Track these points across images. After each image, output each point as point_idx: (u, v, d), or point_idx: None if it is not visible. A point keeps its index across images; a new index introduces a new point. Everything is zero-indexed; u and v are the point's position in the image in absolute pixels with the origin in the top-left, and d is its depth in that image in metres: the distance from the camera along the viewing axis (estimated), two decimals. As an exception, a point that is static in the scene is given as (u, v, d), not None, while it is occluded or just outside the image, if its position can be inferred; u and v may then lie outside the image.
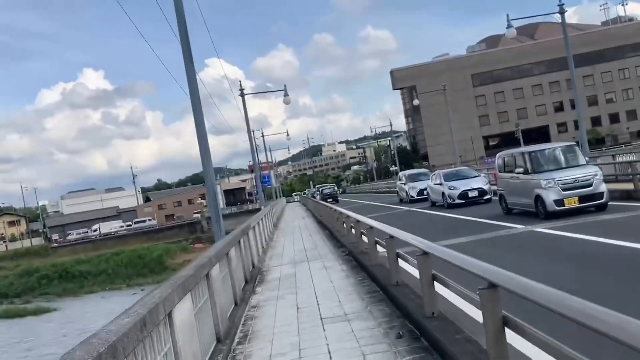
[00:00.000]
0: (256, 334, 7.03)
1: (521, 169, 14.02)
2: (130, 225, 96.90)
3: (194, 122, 11.53)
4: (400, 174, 32.44)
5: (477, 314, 5.20)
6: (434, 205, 23.60)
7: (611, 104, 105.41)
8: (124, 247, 78.05)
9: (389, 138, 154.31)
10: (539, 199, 13.32)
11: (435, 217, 19.29)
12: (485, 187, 20.96)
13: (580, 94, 21.83)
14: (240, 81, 26.79)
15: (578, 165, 13.61)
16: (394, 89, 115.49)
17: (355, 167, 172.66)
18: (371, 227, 9.67)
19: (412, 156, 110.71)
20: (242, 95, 26.96)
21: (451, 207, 21.01)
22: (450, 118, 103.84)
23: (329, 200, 46.44)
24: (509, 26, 21.50)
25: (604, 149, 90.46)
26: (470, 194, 20.76)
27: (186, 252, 72.47)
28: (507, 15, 21.48)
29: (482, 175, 23.15)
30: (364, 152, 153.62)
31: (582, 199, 12.90)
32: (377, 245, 9.80)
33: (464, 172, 22.89)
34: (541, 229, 12.01)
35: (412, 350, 5.40)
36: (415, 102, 44.05)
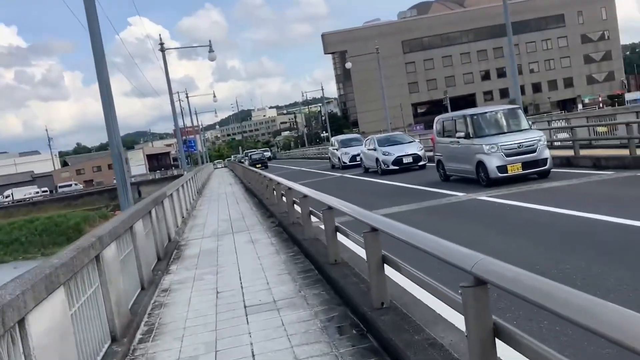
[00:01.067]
0: (163, 328, 5.69)
1: (462, 134, 13.17)
2: (46, 191, 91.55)
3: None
4: (333, 139, 31.34)
5: (440, 307, 4.16)
6: (367, 171, 22.72)
7: (534, 74, 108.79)
8: (39, 214, 73.48)
9: (320, 104, 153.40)
10: (480, 165, 12.54)
11: (370, 184, 18.35)
12: (420, 152, 20.22)
13: (513, 62, 21.33)
14: (160, 34, 24.56)
15: (521, 130, 12.89)
16: (325, 53, 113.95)
17: (285, 133, 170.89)
18: (305, 196, 8.43)
19: (343, 122, 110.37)
20: (162, 50, 24.75)
21: (385, 173, 20.16)
22: (380, 85, 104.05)
23: (257, 166, 45.35)
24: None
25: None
26: (405, 160, 19.96)
27: (106, 219, 68.93)
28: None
29: (417, 140, 22.43)
30: (295, 117, 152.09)
31: (526, 165, 12.22)
32: (312, 217, 8.60)
33: (398, 138, 22.05)
34: (485, 197, 11.22)
35: (358, 353, 4.25)
36: (348, 64, 42.84)
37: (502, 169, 12.18)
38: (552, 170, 12.54)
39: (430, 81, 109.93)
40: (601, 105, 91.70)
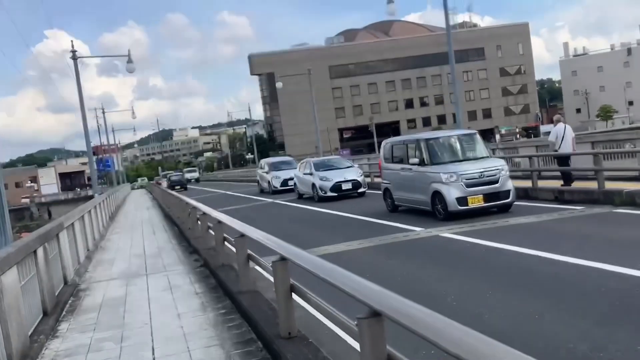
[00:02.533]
0: None
1: (415, 160, 11.71)
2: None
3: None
4: (262, 161, 29.39)
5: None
6: (301, 197, 20.98)
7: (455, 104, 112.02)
8: None
9: (245, 125, 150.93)
10: (437, 195, 11.10)
11: (308, 212, 16.59)
12: (360, 178, 18.73)
13: (457, 90, 20.72)
14: (72, 41, 21.89)
15: (481, 158, 11.61)
16: (252, 74, 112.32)
17: (208, 154, 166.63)
18: (242, 235, 6.52)
19: (269, 145, 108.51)
20: (74, 59, 22.07)
21: (322, 200, 18.50)
22: (309, 109, 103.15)
23: (177, 187, 44.29)
24: (389, 1, 19.44)
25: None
26: (344, 187, 18.39)
27: None
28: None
29: (356, 165, 20.97)
30: (219, 138, 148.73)
31: (488, 197, 10.90)
32: (250, 261, 6.70)
33: (336, 162, 20.50)
34: (448, 233, 9.72)
35: None
36: (279, 84, 41.31)
37: (462, 201, 10.79)
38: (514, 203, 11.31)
39: (356, 107, 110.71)
40: (518, 136, 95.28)
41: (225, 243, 8.59)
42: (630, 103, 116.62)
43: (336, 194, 18.35)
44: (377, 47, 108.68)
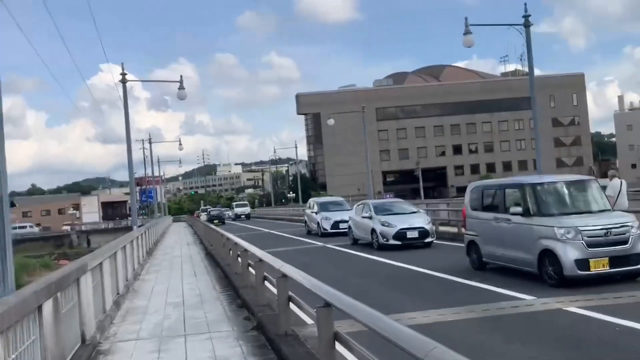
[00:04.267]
0: None
1: (518, 209, 9.53)
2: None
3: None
4: (311, 200, 27.48)
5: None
6: (356, 243, 18.86)
7: (505, 152, 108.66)
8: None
9: (288, 164, 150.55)
10: (548, 255, 8.86)
11: (369, 262, 14.44)
12: (428, 226, 16.50)
13: (538, 134, 18.80)
14: (122, 64, 20.82)
15: (602, 211, 9.36)
16: (299, 113, 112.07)
17: (249, 191, 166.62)
18: (328, 305, 4.49)
19: (311, 184, 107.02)
20: (124, 82, 20.94)
21: (383, 248, 16.33)
22: (353, 150, 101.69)
23: (215, 221, 45.78)
24: (466, 32, 17.61)
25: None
26: (409, 234, 16.19)
27: (48, 268, 62.59)
28: (466, 19, 17.63)
29: (422, 211, 18.80)
30: (262, 174, 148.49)
31: (614, 261, 8.60)
32: (337, 342, 4.64)
33: (399, 206, 18.34)
34: (573, 307, 7.46)
35: None
36: (330, 121, 39.80)
37: (583, 264, 8.52)
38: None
39: (402, 150, 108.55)
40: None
41: (291, 304, 6.59)
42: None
43: (399, 243, 16.16)
44: (426, 91, 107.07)
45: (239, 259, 11.74)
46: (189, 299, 10.51)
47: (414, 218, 16.88)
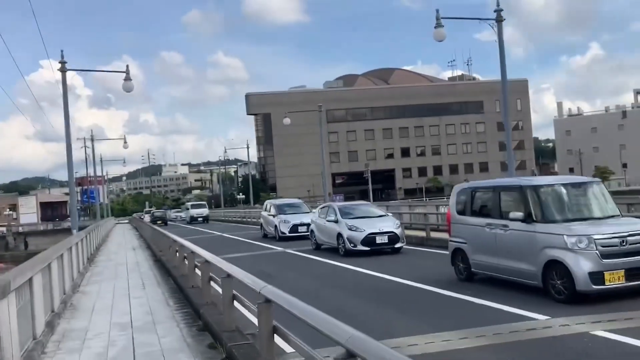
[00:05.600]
0: None
1: (518, 214, 8.49)
2: None
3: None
4: (267, 202, 25.97)
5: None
6: (319, 248, 17.59)
7: (452, 156, 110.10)
8: None
9: (237, 165, 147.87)
10: (555, 266, 7.86)
11: (341, 271, 13.11)
12: (397, 231, 15.41)
13: (508, 130, 18.10)
14: (62, 50, 18.78)
15: (611, 216, 8.44)
16: (249, 113, 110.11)
17: (196, 192, 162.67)
18: (268, 301, 3.27)
19: (261, 186, 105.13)
20: (63, 71, 18.92)
21: (349, 254, 15.13)
22: (303, 151, 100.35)
23: (158, 223, 48.13)
24: (437, 25, 16.64)
25: (445, 197, 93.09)
26: (379, 240, 15.04)
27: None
28: (437, 12, 16.65)
29: (390, 214, 17.69)
30: (211, 175, 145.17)
31: (631, 273, 7.66)
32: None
33: (365, 209, 17.14)
34: (600, 331, 6.42)
35: None
36: (286, 120, 38.26)
37: (597, 277, 7.54)
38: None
39: (351, 153, 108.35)
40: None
41: (276, 335, 5.23)
42: (624, 165, 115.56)
43: (368, 249, 15.00)
44: (376, 94, 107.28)
45: (197, 271, 10.30)
46: (139, 318, 8.94)
47: (383, 222, 15.75)
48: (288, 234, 21.98)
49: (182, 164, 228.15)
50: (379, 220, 15.88)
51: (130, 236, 35.59)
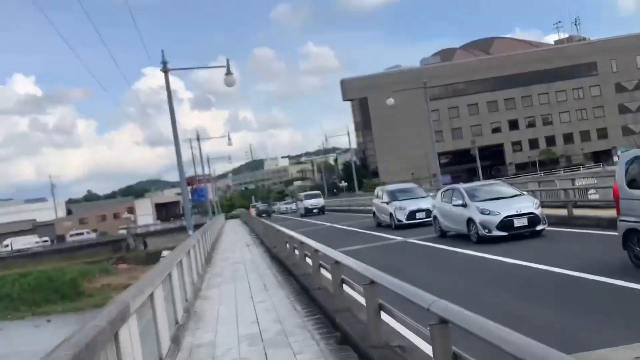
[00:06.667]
0: None
1: None
2: (47, 240, 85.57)
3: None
4: (379, 189, 24.75)
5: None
6: (444, 235, 16.11)
7: (565, 124, 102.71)
8: (37, 266, 67.26)
9: (335, 153, 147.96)
10: None
11: (481, 262, 11.57)
12: (537, 211, 13.59)
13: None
14: (162, 50, 18.66)
15: None
16: (344, 99, 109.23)
17: (298, 183, 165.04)
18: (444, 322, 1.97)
19: (362, 172, 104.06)
20: (165, 71, 18.81)
21: (483, 241, 13.51)
22: (402, 133, 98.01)
23: (263, 215, 50.18)
24: None
25: (561, 170, 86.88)
26: (517, 223, 13.31)
27: (107, 274, 62.58)
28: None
29: (526, 193, 15.83)
30: (312, 165, 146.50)
31: None
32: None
33: (495, 189, 15.32)
34: None
35: None
36: (390, 101, 36.77)
37: None
38: None
39: (455, 130, 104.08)
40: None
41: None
42: None
43: (505, 234, 13.33)
44: (477, 66, 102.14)
45: (326, 272, 9.32)
46: (267, 328, 8.07)
47: (519, 202, 13.96)
48: (405, 222, 20.64)
49: (282, 157, 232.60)
50: (514, 201, 14.12)
51: (242, 232, 35.88)
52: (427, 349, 4.69)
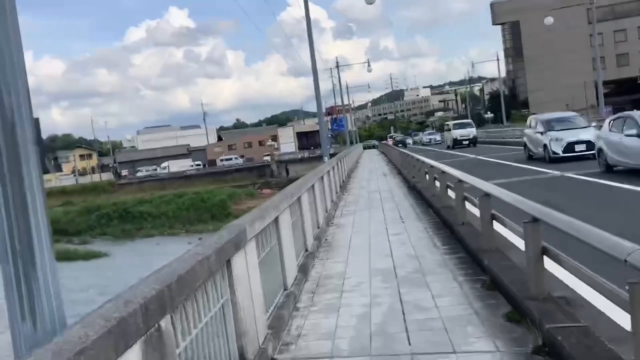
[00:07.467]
0: None
1: None
2: (199, 164, 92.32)
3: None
4: (532, 118, 22.29)
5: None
6: (610, 170, 13.96)
7: None
8: (190, 188, 73.01)
9: (481, 83, 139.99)
10: None
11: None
12: None
13: None
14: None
15: None
16: (494, 24, 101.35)
17: (439, 114, 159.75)
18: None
19: (511, 102, 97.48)
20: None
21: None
22: (558, 60, 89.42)
23: (399, 145, 49.98)
24: None
25: None
26: None
27: (252, 197, 66.03)
28: None
29: None
30: (456, 95, 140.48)
31: None
32: None
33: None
34: None
35: None
36: (549, 20, 32.94)
37: None
38: None
39: (620, 56, 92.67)
40: None
41: None
42: None
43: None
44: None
45: (470, 207, 8.20)
46: (402, 263, 7.25)
47: None
48: (562, 154, 18.40)
49: (424, 87, 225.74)
50: None
51: (379, 161, 35.15)
52: (607, 306, 3.55)
